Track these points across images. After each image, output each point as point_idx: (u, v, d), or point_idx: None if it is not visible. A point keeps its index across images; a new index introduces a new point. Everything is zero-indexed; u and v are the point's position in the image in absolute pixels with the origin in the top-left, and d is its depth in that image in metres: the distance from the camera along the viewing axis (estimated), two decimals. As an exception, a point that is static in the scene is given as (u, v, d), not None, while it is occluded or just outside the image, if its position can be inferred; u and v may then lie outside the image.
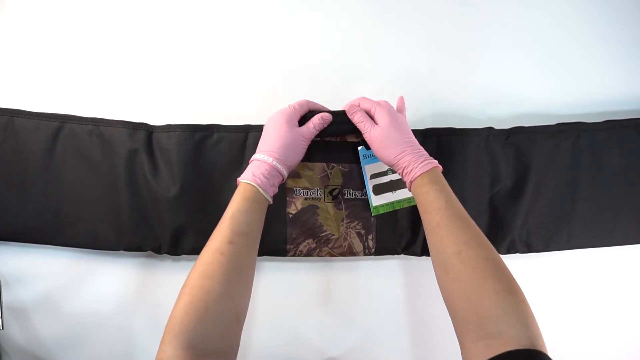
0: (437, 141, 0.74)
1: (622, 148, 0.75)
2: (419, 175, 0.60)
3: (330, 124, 0.67)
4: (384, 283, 0.82)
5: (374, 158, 0.73)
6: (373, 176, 0.73)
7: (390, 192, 0.73)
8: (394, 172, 0.73)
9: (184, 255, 0.75)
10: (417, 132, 0.73)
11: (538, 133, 0.74)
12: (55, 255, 0.78)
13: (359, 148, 0.72)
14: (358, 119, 0.65)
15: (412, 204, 0.73)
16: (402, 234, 0.75)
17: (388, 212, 0.74)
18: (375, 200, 0.73)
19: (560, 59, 0.79)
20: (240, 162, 0.71)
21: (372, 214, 0.74)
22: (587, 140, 0.74)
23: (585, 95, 0.80)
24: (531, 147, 0.74)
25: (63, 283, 0.80)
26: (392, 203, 0.73)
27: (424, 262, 0.81)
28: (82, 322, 0.81)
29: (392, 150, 0.63)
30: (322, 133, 0.67)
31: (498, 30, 0.78)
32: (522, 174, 0.74)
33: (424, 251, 0.75)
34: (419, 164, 0.61)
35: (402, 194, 0.73)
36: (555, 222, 0.75)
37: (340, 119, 0.67)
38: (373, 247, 0.75)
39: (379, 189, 0.73)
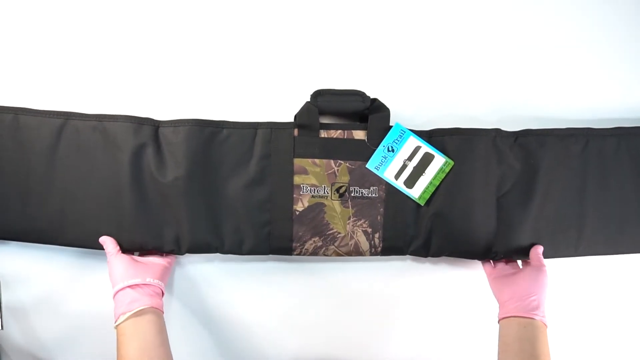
0: (443, 141, 0.74)
1: (631, 156, 0.75)
2: (507, 318, 0.67)
3: (337, 103, 0.71)
4: (390, 284, 0.82)
5: (383, 160, 0.72)
6: (396, 176, 0.73)
7: (422, 176, 0.73)
8: (410, 159, 0.73)
9: (186, 255, 0.75)
10: (423, 133, 0.74)
11: (547, 136, 0.74)
12: (55, 255, 0.77)
13: (366, 166, 0.72)
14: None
15: (447, 170, 0.73)
16: (407, 232, 0.74)
17: (397, 210, 0.74)
18: (414, 192, 0.73)
19: (571, 63, 0.79)
20: (248, 158, 0.71)
21: (422, 205, 0.73)
22: (596, 146, 0.74)
23: (595, 101, 0.80)
24: (540, 149, 0.73)
25: (63, 283, 0.79)
26: (430, 183, 0.73)
27: (430, 264, 0.82)
28: (82, 322, 0.80)
29: (500, 294, 0.72)
30: (327, 111, 0.71)
31: (507, 31, 0.78)
32: (531, 177, 0.74)
33: (430, 252, 0.75)
34: (514, 307, 0.67)
35: (432, 170, 0.73)
36: (564, 228, 0.75)
37: (346, 97, 0.70)
38: (379, 246, 0.74)
39: (410, 182, 0.73)
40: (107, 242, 0.70)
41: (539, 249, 0.73)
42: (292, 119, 0.73)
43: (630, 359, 0.88)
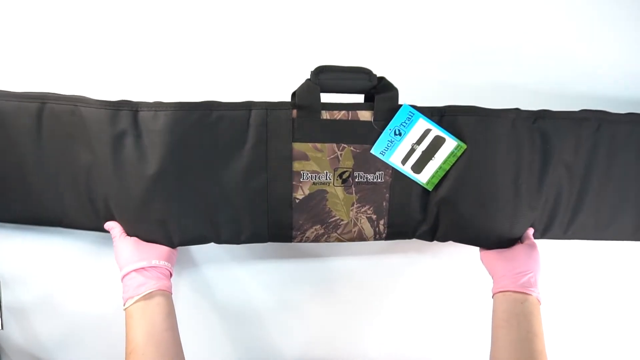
0: (456, 120, 0.68)
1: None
2: (503, 292, 0.67)
3: (341, 80, 0.65)
4: (393, 276, 0.83)
5: (389, 145, 0.68)
6: (403, 161, 0.69)
7: (431, 160, 0.69)
8: (418, 143, 0.68)
9: (180, 248, 0.72)
10: (434, 111, 0.68)
11: (563, 119, 0.70)
12: (55, 255, 0.78)
13: (371, 151, 0.68)
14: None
15: (458, 154, 0.68)
16: (414, 217, 0.71)
17: (403, 195, 0.70)
18: (422, 177, 0.69)
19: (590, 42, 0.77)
20: (242, 144, 0.66)
21: (430, 190, 0.70)
22: (607, 132, 0.72)
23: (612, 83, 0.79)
24: (555, 135, 0.70)
25: (63, 283, 0.79)
26: (440, 168, 0.69)
27: (431, 257, 0.82)
28: (82, 322, 0.81)
29: (494, 269, 0.71)
30: (331, 89, 0.65)
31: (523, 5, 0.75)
32: (545, 164, 0.70)
33: (436, 237, 0.73)
34: (511, 282, 0.66)
35: (442, 154, 0.68)
36: (561, 212, 0.73)
37: (351, 75, 0.64)
38: (384, 232, 0.71)
39: (418, 166, 0.69)
40: (113, 226, 0.69)
41: (530, 230, 0.73)
42: (288, 99, 0.67)
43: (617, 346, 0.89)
